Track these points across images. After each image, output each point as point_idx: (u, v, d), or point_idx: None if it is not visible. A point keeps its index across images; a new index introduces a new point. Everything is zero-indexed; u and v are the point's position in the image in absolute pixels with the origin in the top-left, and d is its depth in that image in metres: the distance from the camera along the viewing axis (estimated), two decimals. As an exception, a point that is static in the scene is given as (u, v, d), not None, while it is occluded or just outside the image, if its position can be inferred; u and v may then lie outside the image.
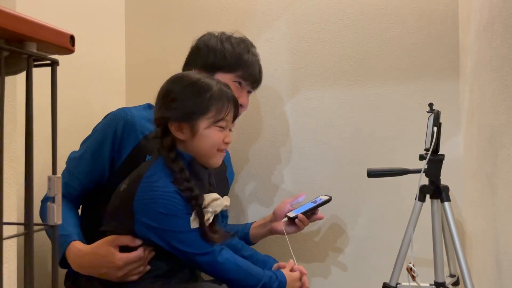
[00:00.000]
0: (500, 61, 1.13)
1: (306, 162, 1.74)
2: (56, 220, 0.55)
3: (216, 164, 1.20)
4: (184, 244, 1.10)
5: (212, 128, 1.14)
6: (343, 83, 1.71)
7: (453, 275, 1.40)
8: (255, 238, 1.57)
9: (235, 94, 1.44)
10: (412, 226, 1.29)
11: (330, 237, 1.72)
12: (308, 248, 1.73)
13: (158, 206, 1.08)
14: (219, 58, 1.44)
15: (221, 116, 1.15)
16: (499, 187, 1.18)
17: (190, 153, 1.15)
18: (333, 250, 1.72)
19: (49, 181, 0.55)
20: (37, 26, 0.53)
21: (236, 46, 1.47)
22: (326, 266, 1.72)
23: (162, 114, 1.14)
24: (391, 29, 1.67)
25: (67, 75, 1.51)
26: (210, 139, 1.14)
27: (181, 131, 1.14)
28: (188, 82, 1.15)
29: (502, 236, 1.17)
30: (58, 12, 1.49)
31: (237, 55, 1.45)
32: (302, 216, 1.48)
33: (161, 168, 1.12)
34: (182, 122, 1.13)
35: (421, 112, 1.61)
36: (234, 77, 1.46)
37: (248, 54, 1.48)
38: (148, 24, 1.88)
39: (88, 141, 1.32)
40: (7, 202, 0.90)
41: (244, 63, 1.46)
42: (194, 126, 1.13)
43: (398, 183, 1.59)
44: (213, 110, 1.14)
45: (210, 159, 1.17)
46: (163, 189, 1.09)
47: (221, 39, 1.48)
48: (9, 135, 0.90)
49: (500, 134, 1.16)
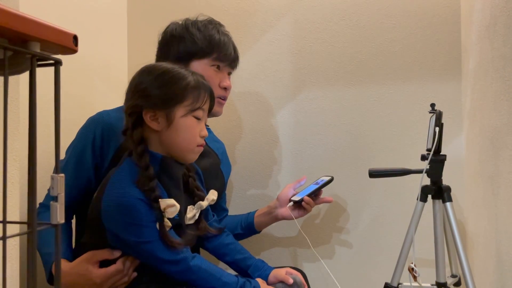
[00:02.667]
0: (502, 61, 1.13)
1: (307, 162, 1.74)
2: (59, 219, 0.55)
3: (192, 160, 1.16)
4: (153, 253, 1.05)
5: (189, 117, 1.10)
6: (344, 83, 1.71)
7: (455, 275, 1.40)
8: (259, 226, 1.54)
9: (216, 79, 1.41)
10: (413, 227, 1.29)
11: (331, 237, 1.72)
12: (308, 248, 1.73)
13: (122, 215, 1.04)
14: (190, 45, 1.39)
15: (198, 105, 1.10)
16: (501, 187, 1.17)
17: (165, 147, 1.11)
18: (334, 250, 1.72)
19: (52, 180, 0.55)
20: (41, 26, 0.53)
21: (204, 29, 1.41)
22: (327, 266, 1.72)
23: (136, 102, 1.09)
24: (393, 30, 1.67)
25: (70, 75, 1.51)
26: (186, 131, 1.10)
27: (156, 121, 1.09)
28: (163, 71, 1.11)
29: (504, 236, 1.16)
30: (61, 12, 1.50)
31: (207, 37, 1.39)
32: (308, 198, 1.47)
33: (127, 169, 1.08)
34: (158, 110, 1.08)
35: (423, 112, 1.62)
36: (211, 61, 1.40)
37: (219, 34, 1.42)
38: (150, 25, 1.89)
39: (70, 150, 1.29)
40: (10, 201, 0.90)
41: (217, 45, 1.40)
42: (171, 113, 1.08)
43: (400, 183, 1.59)
44: (190, 98, 1.09)
45: (186, 153, 1.13)
46: (127, 197, 1.04)
47: (186, 25, 1.42)
48: (12, 134, 0.91)
49: (502, 135, 1.16)
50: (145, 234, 1.04)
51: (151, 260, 1.07)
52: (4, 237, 0.50)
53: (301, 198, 1.47)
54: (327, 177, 1.54)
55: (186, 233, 1.11)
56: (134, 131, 1.09)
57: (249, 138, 1.78)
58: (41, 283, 1.24)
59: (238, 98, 1.76)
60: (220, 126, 1.75)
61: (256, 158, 1.78)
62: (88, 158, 1.25)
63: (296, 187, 1.56)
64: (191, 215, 1.15)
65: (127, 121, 1.10)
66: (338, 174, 1.71)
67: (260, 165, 1.78)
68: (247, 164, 1.78)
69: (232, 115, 1.79)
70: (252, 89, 1.77)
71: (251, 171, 1.78)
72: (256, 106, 1.78)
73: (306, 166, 1.74)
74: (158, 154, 1.10)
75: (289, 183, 1.75)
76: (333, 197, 1.59)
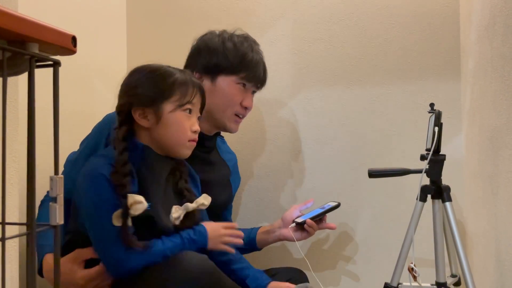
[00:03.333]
0: (501, 61, 1.13)
1: (307, 162, 1.74)
2: (58, 220, 0.55)
3: (186, 155, 1.16)
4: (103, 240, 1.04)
5: (178, 112, 1.12)
6: (344, 84, 1.71)
7: (455, 275, 1.40)
8: (261, 244, 1.52)
9: (239, 97, 1.41)
10: (413, 226, 1.29)
11: (331, 237, 1.72)
12: (308, 248, 1.73)
13: (87, 187, 1.06)
14: (221, 59, 1.38)
15: (186, 100, 1.12)
16: (500, 187, 1.17)
17: (157, 144, 1.12)
18: (334, 250, 1.72)
19: (51, 181, 0.55)
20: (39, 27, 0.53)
21: (239, 46, 1.39)
22: (327, 266, 1.72)
23: (125, 101, 1.12)
24: (392, 30, 1.67)
25: (69, 76, 1.51)
26: (176, 126, 1.11)
27: (145, 118, 1.11)
28: (150, 69, 1.14)
29: (503, 236, 1.17)
30: (60, 13, 1.50)
31: (240, 55, 1.38)
32: (310, 221, 1.45)
33: (110, 155, 1.09)
34: (146, 107, 1.11)
35: (422, 112, 1.62)
36: (238, 79, 1.39)
37: (252, 53, 1.40)
38: (150, 25, 1.89)
39: (84, 143, 1.30)
40: (9, 202, 0.90)
41: (247, 64, 1.39)
42: (159, 110, 1.10)
43: (399, 183, 1.59)
44: (177, 93, 1.12)
45: (178, 148, 1.14)
46: (96, 172, 1.05)
47: (223, 38, 1.40)
48: (11, 135, 0.91)
49: (501, 134, 1.16)
50: (102, 216, 1.03)
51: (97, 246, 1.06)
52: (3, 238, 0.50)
53: (304, 220, 1.45)
54: (334, 202, 1.53)
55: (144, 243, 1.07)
56: (120, 128, 1.11)
57: (249, 138, 1.78)
58: (40, 284, 1.24)
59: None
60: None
61: (255, 158, 1.78)
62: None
63: (302, 209, 1.54)
64: (177, 215, 1.13)
65: (117, 119, 1.13)
66: (338, 174, 1.71)
67: (259, 165, 1.78)
68: (246, 164, 1.78)
69: (232, 116, 1.78)
70: (251, 90, 1.76)
71: (251, 171, 1.78)
72: (256, 106, 1.77)
73: (306, 166, 1.74)
74: (140, 143, 1.12)
75: (288, 183, 1.76)
76: (333, 197, 1.58)
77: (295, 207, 1.54)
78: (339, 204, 1.52)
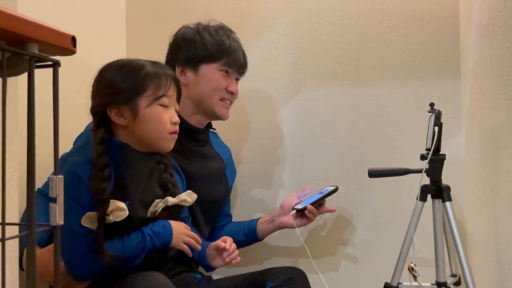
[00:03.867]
0: (501, 60, 1.13)
1: (307, 162, 1.74)
2: (58, 221, 0.55)
3: (169, 149, 1.15)
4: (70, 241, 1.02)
5: (154, 107, 1.09)
6: (344, 83, 1.71)
7: (455, 275, 1.40)
8: (262, 234, 1.54)
9: (223, 82, 1.42)
10: (413, 226, 1.29)
11: (331, 237, 1.72)
12: (308, 248, 1.73)
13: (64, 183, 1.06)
14: (200, 49, 1.41)
15: (161, 92, 1.09)
16: (500, 186, 1.18)
17: (137, 141, 1.10)
18: (334, 249, 1.72)
19: (50, 182, 0.55)
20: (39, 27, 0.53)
21: (215, 34, 1.43)
22: (327, 266, 1.72)
23: (98, 101, 1.09)
24: (392, 29, 1.67)
25: (69, 76, 1.51)
26: (154, 121, 1.09)
27: (122, 116, 1.09)
28: (119, 66, 1.10)
29: (503, 235, 1.17)
30: (60, 13, 1.49)
31: (218, 42, 1.42)
32: (311, 207, 1.46)
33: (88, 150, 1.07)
34: (121, 105, 1.08)
35: (422, 112, 1.61)
36: (219, 65, 1.43)
37: (229, 40, 1.44)
38: (149, 26, 1.89)
39: (78, 142, 1.29)
40: (9, 203, 0.90)
41: (226, 50, 1.42)
42: (134, 106, 1.08)
43: (399, 183, 1.59)
44: (151, 87, 1.09)
45: (159, 142, 1.12)
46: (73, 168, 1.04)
47: (198, 29, 1.44)
48: (11, 136, 0.91)
49: (501, 134, 1.16)
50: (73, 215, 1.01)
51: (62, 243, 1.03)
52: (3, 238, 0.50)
53: (304, 206, 1.46)
54: (332, 187, 1.53)
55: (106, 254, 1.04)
56: (97, 131, 1.08)
57: (248, 138, 1.78)
58: (40, 285, 1.24)
59: (238, 99, 1.75)
60: (219, 127, 1.75)
61: (255, 158, 1.78)
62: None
63: (300, 196, 1.55)
64: (155, 209, 1.12)
65: (93, 121, 1.10)
66: (338, 173, 1.71)
67: (259, 165, 1.78)
68: (246, 164, 1.78)
69: (231, 116, 1.77)
70: (251, 90, 1.77)
71: (250, 171, 1.78)
72: (256, 106, 1.78)
73: (306, 166, 1.74)
74: (117, 140, 1.10)
75: (288, 183, 1.76)
76: (332, 198, 1.58)
77: (293, 194, 1.55)
78: (337, 188, 1.52)
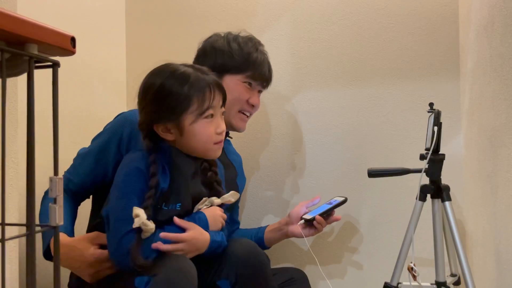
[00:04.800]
0: (500, 60, 1.13)
1: (306, 162, 1.74)
2: (58, 221, 0.55)
3: (216, 156, 1.16)
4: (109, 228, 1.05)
5: (199, 122, 1.09)
6: (343, 83, 1.72)
7: (454, 274, 1.40)
8: (269, 242, 1.53)
9: (245, 94, 1.43)
10: (413, 226, 1.29)
11: (330, 236, 1.72)
12: (307, 248, 1.73)
13: (118, 175, 1.08)
14: (227, 59, 1.42)
15: (206, 106, 1.08)
16: (499, 186, 1.18)
17: (185, 151, 1.12)
18: (333, 249, 1.72)
19: (50, 182, 0.55)
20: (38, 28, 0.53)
21: (243, 46, 1.43)
22: (326, 266, 1.72)
23: (145, 118, 1.10)
24: (391, 29, 1.68)
25: (68, 77, 1.51)
26: (200, 135, 1.09)
27: (168, 132, 1.10)
28: (162, 81, 1.09)
29: (503, 235, 1.17)
30: (59, 14, 1.49)
31: (245, 55, 1.42)
32: (319, 217, 1.44)
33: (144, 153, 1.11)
34: (167, 123, 1.09)
35: (421, 111, 1.61)
36: (244, 77, 1.43)
37: (257, 52, 1.44)
38: (149, 26, 1.89)
39: (96, 140, 1.30)
40: (9, 203, 0.90)
41: (252, 63, 1.43)
42: (180, 124, 1.08)
43: (399, 183, 1.59)
44: (194, 102, 1.08)
45: (206, 153, 1.14)
46: (132, 161, 1.08)
47: (228, 39, 1.44)
48: (11, 136, 0.91)
49: (500, 134, 1.16)
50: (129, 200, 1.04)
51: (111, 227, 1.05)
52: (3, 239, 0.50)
53: (313, 216, 1.45)
54: (341, 197, 1.53)
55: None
56: (144, 141, 1.11)
57: (248, 138, 1.78)
58: (40, 285, 1.24)
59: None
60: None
61: (255, 158, 1.78)
62: (110, 153, 1.25)
63: (309, 206, 1.54)
64: (201, 206, 1.15)
65: (142, 133, 1.13)
66: (337, 173, 1.71)
67: (259, 165, 1.78)
68: (246, 164, 1.78)
69: (231, 116, 1.79)
70: (250, 90, 1.76)
71: (250, 171, 1.78)
72: (255, 106, 1.77)
73: (305, 166, 1.74)
74: (166, 146, 1.12)
75: (287, 183, 1.76)
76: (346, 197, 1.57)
77: (302, 204, 1.54)
78: (346, 199, 1.51)
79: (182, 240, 1.07)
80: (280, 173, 1.76)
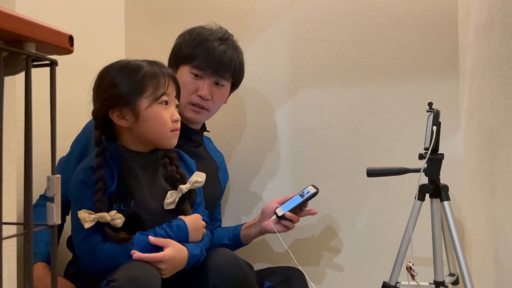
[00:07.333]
0: (499, 60, 1.13)
1: (305, 162, 1.74)
2: (56, 220, 0.55)
3: (171, 145, 1.17)
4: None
5: (155, 107, 1.11)
6: (342, 83, 1.71)
7: (453, 274, 1.40)
8: (245, 239, 1.52)
9: (192, 85, 1.40)
10: (411, 225, 1.29)
11: (329, 236, 1.72)
12: (307, 248, 1.73)
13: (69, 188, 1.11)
14: (177, 51, 1.42)
15: (160, 92, 1.11)
16: (498, 186, 1.18)
17: (141, 141, 1.13)
18: (332, 249, 1.72)
19: (48, 181, 0.55)
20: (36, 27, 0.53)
21: (196, 37, 1.40)
22: (326, 266, 1.72)
23: (100, 105, 1.12)
24: (391, 29, 1.67)
25: (66, 76, 1.51)
26: (155, 119, 1.11)
27: (124, 118, 1.11)
28: (117, 69, 1.12)
29: (501, 235, 1.17)
30: (57, 13, 1.49)
31: (194, 45, 1.39)
32: (289, 214, 1.43)
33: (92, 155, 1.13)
34: (122, 108, 1.10)
35: (420, 111, 1.61)
36: (190, 68, 1.40)
37: (209, 42, 1.39)
38: (148, 25, 1.88)
39: (75, 142, 1.31)
40: (7, 202, 0.90)
41: (202, 53, 1.38)
42: (135, 108, 1.10)
43: (397, 182, 1.59)
44: (149, 87, 1.11)
45: (162, 141, 1.15)
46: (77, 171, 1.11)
47: (187, 32, 1.44)
48: (9, 135, 0.91)
49: (499, 133, 1.16)
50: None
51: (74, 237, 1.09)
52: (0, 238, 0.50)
53: (284, 213, 1.43)
54: (313, 188, 1.48)
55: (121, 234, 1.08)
56: (96, 131, 1.12)
57: (247, 137, 1.78)
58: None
59: (236, 98, 1.76)
60: (218, 126, 1.75)
61: (254, 157, 1.78)
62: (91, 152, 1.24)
63: (281, 202, 1.50)
64: (171, 200, 1.15)
65: (94, 123, 1.13)
66: (336, 173, 1.71)
67: (258, 165, 1.78)
68: (244, 164, 1.78)
69: (230, 115, 1.78)
70: (250, 89, 1.76)
71: (250, 171, 1.78)
72: (254, 105, 1.77)
73: (305, 165, 1.74)
74: (114, 144, 1.13)
75: (287, 183, 1.75)
76: (331, 197, 1.58)
77: (275, 200, 1.51)
78: (318, 191, 1.46)
79: (158, 260, 1.06)
80: (279, 173, 1.76)
